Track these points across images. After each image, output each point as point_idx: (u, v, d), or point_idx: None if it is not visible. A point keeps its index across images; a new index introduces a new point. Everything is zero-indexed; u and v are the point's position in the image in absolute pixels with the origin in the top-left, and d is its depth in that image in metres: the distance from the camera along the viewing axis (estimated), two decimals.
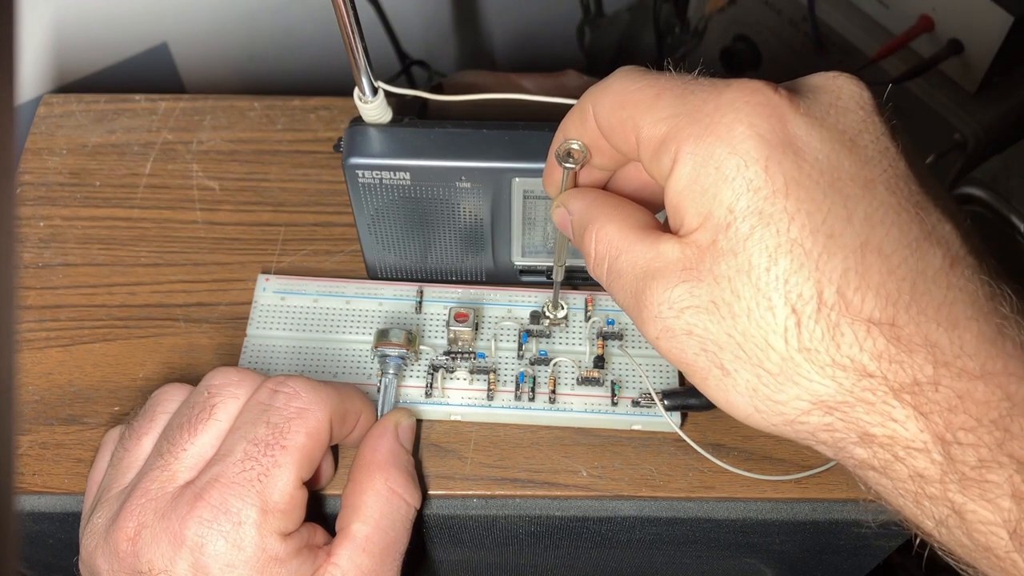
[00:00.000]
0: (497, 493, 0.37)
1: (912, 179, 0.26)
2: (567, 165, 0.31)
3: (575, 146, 0.31)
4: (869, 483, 0.27)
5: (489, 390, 0.39)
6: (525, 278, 0.42)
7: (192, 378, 0.37)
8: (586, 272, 0.32)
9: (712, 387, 0.27)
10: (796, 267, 0.25)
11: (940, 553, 0.26)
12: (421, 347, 0.40)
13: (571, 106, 0.31)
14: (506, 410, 0.38)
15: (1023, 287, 0.26)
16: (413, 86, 0.64)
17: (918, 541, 0.27)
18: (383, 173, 0.37)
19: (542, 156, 0.32)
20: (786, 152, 0.26)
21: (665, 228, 0.29)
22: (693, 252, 0.27)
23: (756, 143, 0.26)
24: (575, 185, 0.32)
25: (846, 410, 0.25)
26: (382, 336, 0.38)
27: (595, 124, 0.30)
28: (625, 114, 0.28)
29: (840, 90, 0.27)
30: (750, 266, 0.25)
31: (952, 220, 0.26)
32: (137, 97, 0.49)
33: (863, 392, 0.25)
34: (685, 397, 0.38)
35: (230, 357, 0.41)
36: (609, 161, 0.31)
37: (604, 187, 0.32)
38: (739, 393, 0.27)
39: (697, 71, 0.28)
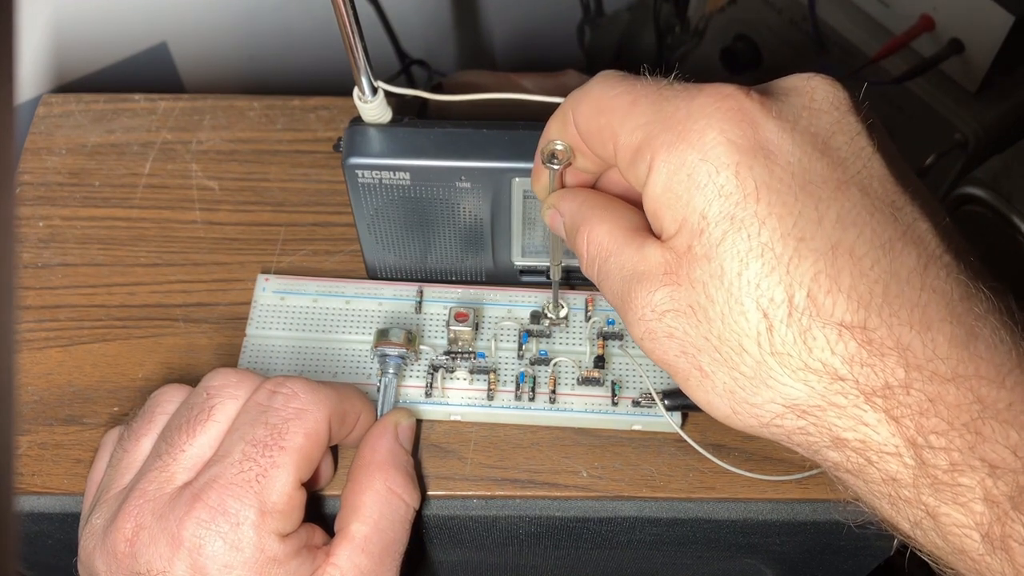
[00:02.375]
0: (497, 494, 0.37)
1: (888, 178, 0.26)
2: (551, 166, 0.31)
3: (559, 147, 0.31)
4: (846, 484, 0.27)
5: (489, 390, 0.39)
6: (525, 278, 0.42)
7: (191, 378, 0.37)
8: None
9: (692, 388, 0.28)
10: (767, 271, 0.25)
11: (919, 554, 0.26)
12: (421, 347, 0.39)
13: None
14: (506, 410, 0.38)
15: (1011, 285, 0.26)
16: (413, 86, 0.64)
17: (896, 542, 0.27)
18: (383, 173, 0.37)
19: None
20: (757, 156, 0.26)
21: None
22: (672, 257, 0.27)
23: (727, 149, 0.26)
24: (562, 185, 0.32)
25: (818, 414, 0.25)
26: (382, 336, 0.38)
27: (575, 130, 0.30)
28: (603, 121, 0.28)
29: (814, 91, 0.27)
30: (722, 271, 0.25)
31: (930, 219, 0.26)
32: (136, 97, 0.49)
33: (834, 396, 0.25)
34: (685, 397, 0.37)
35: (229, 357, 0.40)
36: (593, 164, 0.31)
37: (593, 187, 0.32)
38: (717, 395, 0.27)
39: (673, 75, 0.28)
